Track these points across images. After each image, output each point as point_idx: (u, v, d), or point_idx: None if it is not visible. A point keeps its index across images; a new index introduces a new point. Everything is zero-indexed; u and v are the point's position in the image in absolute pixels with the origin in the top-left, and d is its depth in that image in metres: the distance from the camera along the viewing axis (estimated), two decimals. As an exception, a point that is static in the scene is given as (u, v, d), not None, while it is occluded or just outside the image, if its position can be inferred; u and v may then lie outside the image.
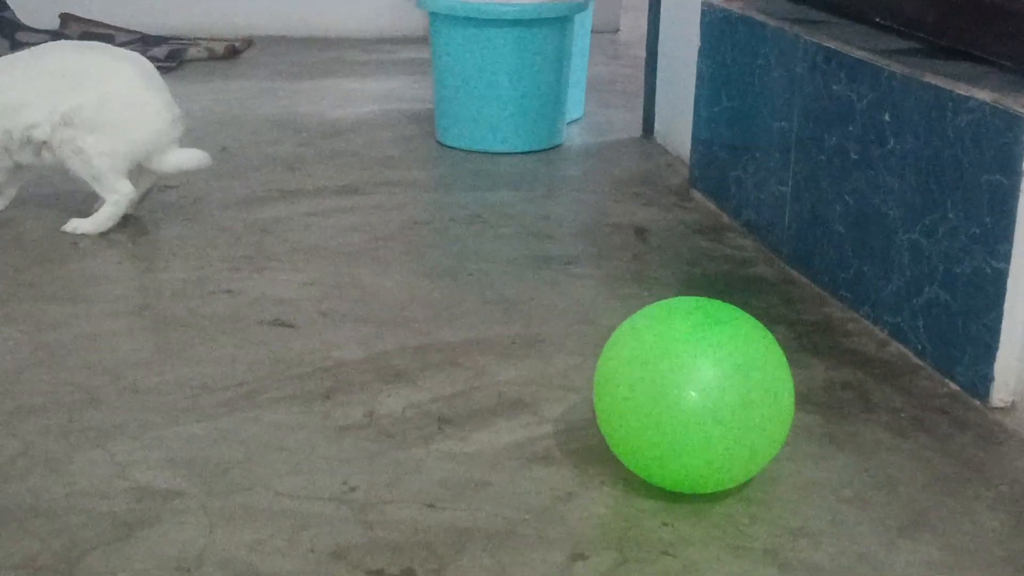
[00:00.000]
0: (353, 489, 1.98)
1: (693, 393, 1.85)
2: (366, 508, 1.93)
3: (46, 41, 4.96)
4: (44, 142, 3.06)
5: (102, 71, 3.08)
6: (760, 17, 3.01)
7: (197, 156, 3.18)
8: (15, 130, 3.06)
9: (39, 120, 3.04)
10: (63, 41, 3.29)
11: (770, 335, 1.97)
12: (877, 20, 2.80)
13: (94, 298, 2.73)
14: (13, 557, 1.79)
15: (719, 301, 2.00)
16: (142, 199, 3.21)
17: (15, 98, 3.05)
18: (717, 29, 3.25)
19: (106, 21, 5.53)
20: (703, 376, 1.86)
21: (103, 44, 3.23)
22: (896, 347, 2.52)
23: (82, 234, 3.10)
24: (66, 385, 2.32)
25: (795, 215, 2.90)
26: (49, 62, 3.08)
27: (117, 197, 3.10)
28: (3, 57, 3.26)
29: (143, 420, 2.20)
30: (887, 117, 2.49)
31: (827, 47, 2.70)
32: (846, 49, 2.64)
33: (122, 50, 3.23)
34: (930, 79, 2.37)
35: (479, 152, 3.92)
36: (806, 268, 2.87)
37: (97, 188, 3.10)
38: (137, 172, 3.15)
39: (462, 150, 3.95)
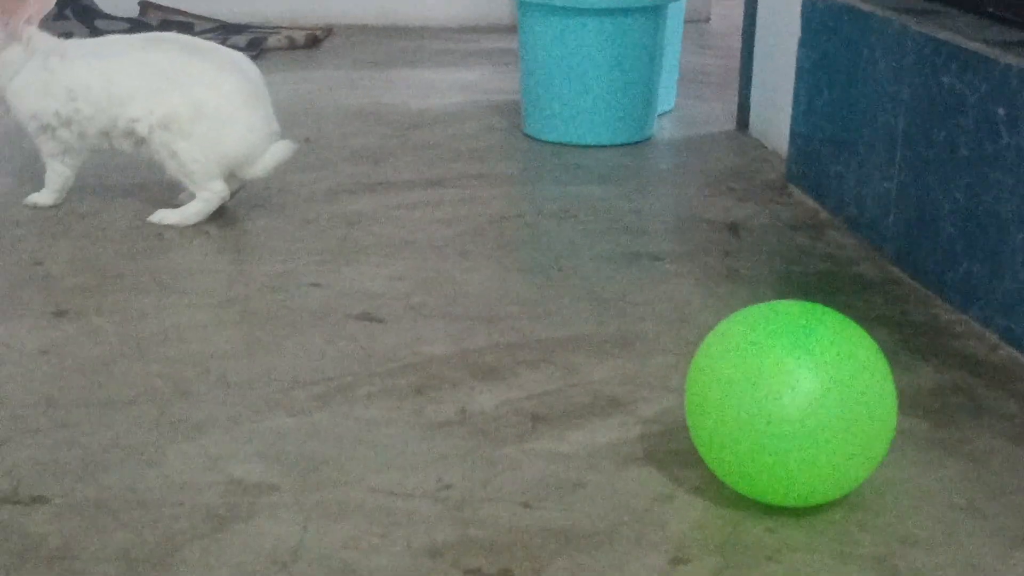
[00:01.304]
0: (448, 487, 1.95)
1: (790, 404, 1.78)
2: (461, 506, 1.90)
3: (125, 28, 5.05)
4: (144, 139, 3.06)
5: (203, 79, 3.05)
6: (865, 7, 2.93)
7: (282, 149, 3.15)
8: (120, 119, 3.07)
9: (139, 116, 3.05)
10: (178, 36, 3.25)
11: (872, 340, 1.89)
12: (990, 10, 2.71)
13: (182, 290, 2.73)
14: (108, 548, 1.78)
15: (817, 304, 1.92)
16: (233, 196, 3.20)
17: (123, 89, 3.06)
18: (819, 19, 3.17)
19: (186, 9, 5.54)
20: (800, 386, 1.78)
21: (217, 47, 3.19)
22: (1007, 350, 2.43)
23: (168, 225, 3.09)
24: (156, 377, 2.31)
25: (900, 212, 2.81)
26: (159, 58, 3.08)
27: (209, 195, 3.10)
28: (113, 38, 3.28)
29: (234, 413, 2.18)
30: (1001, 111, 2.40)
31: (937, 38, 2.61)
32: (957, 40, 2.55)
33: (232, 56, 3.18)
34: (1048, 71, 2.28)
35: (567, 145, 3.86)
36: (912, 267, 2.78)
37: (191, 187, 3.11)
38: (228, 174, 3.14)
39: (550, 143, 3.90)
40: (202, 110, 3.03)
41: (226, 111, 3.06)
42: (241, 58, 3.20)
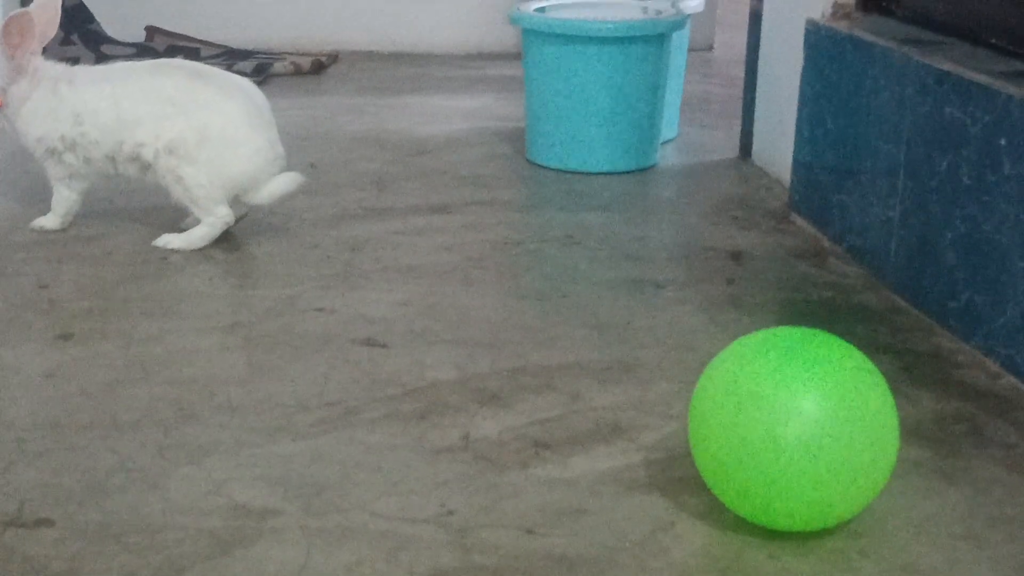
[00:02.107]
0: (450, 512, 1.95)
1: (792, 429, 1.79)
2: (464, 532, 1.90)
3: (131, 54, 5.07)
4: (149, 164, 3.08)
5: (208, 104, 3.07)
6: (868, 37, 2.95)
7: (289, 180, 3.17)
8: (126, 144, 3.09)
9: (146, 141, 3.07)
10: (184, 61, 3.26)
11: (874, 367, 1.90)
12: (993, 41, 2.72)
13: (186, 314, 2.73)
14: (112, 572, 1.78)
15: (820, 331, 1.93)
16: (238, 221, 3.21)
17: (130, 114, 3.08)
18: (822, 49, 3.18)
19: (192, 35, 5.57)
20: (803, 412, 1.79)
21: (222, 73, 3.21)
22: (1009, 380, 2.43)
23: (173, 250, 3.11)
24: (160, 401, 2.32)
25: (902, 241, 2.82)
26: (165, 84, 3.09)
27: (213, 220, 3.11)
28: (121, 64, 3.29)
29: (238, 438, 2.18)
30: (1003, 141, 2.42)
31: (939, 69, 2.63)
32: (960, 71, 2.57)
33: (236, 81, 3.20)
34: (1050, 102, 2.30)
35: (571, 172, 3.88)
36: (913, 296, 2.79)
37: (196, 211, 3.12)
38: (233, 199, 3.15)
39: (553, 169, 3.91)
40: (208, 135, 3.05)
41: (231, 136, 3.07)
42: (246, 83, 3.21)
